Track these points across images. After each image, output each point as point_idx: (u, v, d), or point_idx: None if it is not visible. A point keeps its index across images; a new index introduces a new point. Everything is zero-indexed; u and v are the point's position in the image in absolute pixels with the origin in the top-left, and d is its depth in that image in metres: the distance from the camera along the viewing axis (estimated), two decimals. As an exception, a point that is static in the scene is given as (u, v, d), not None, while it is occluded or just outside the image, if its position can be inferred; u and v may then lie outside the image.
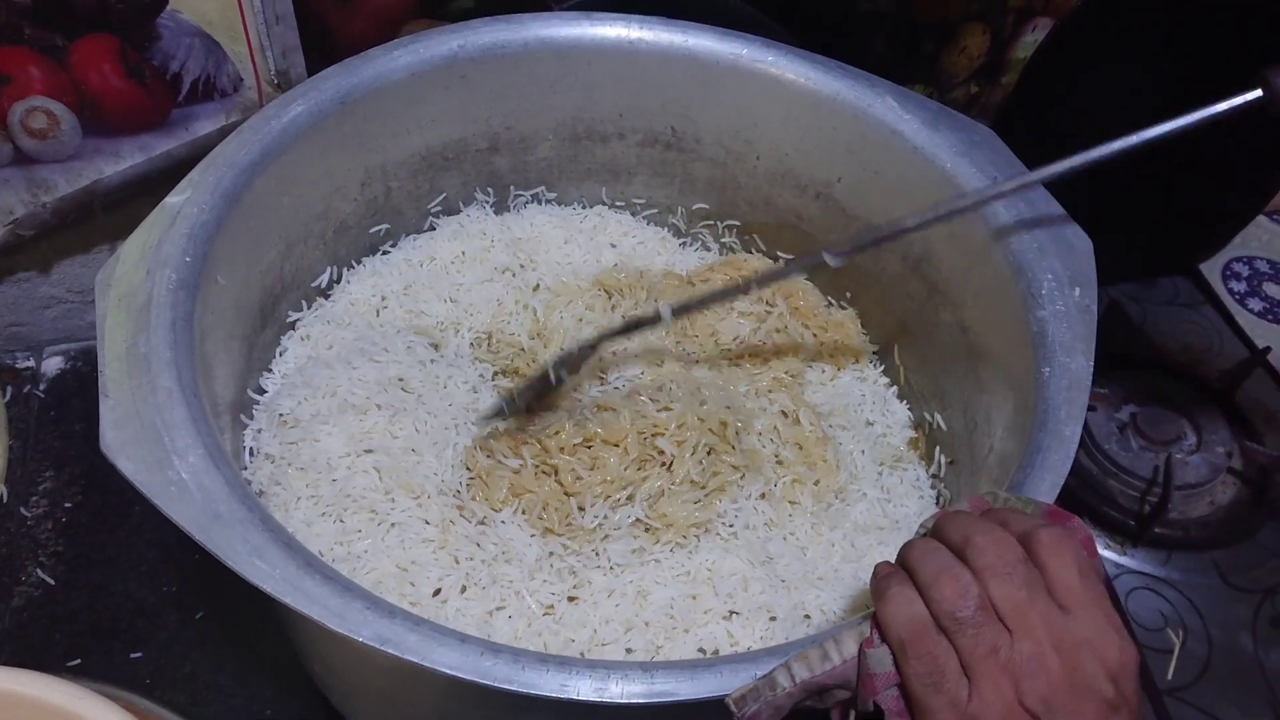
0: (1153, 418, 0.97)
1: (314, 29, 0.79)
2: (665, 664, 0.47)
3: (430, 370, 0.73)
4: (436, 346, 0.76)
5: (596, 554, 0.65)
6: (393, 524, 0.62)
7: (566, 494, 0.67)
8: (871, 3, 0.94)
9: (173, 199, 0.62)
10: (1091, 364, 0.58)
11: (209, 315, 0.60)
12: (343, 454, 0.65)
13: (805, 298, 0.83)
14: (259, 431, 0.68)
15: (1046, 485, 0.53)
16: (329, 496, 0.64)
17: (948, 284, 0.73)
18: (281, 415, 0.68)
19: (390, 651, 0.45)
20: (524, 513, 0.65)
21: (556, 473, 0.67)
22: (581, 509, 0.66)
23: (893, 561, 0.46)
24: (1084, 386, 0.57)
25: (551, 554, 0.64)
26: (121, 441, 0.50)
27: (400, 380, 0.71)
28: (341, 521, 0.63)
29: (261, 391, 0.71)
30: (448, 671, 0.45)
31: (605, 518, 0.65)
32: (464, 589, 0.61)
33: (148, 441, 0.50)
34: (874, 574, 0.46)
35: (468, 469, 0.68)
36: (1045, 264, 0.64)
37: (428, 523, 0.63)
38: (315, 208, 0.74)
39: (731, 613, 0.61)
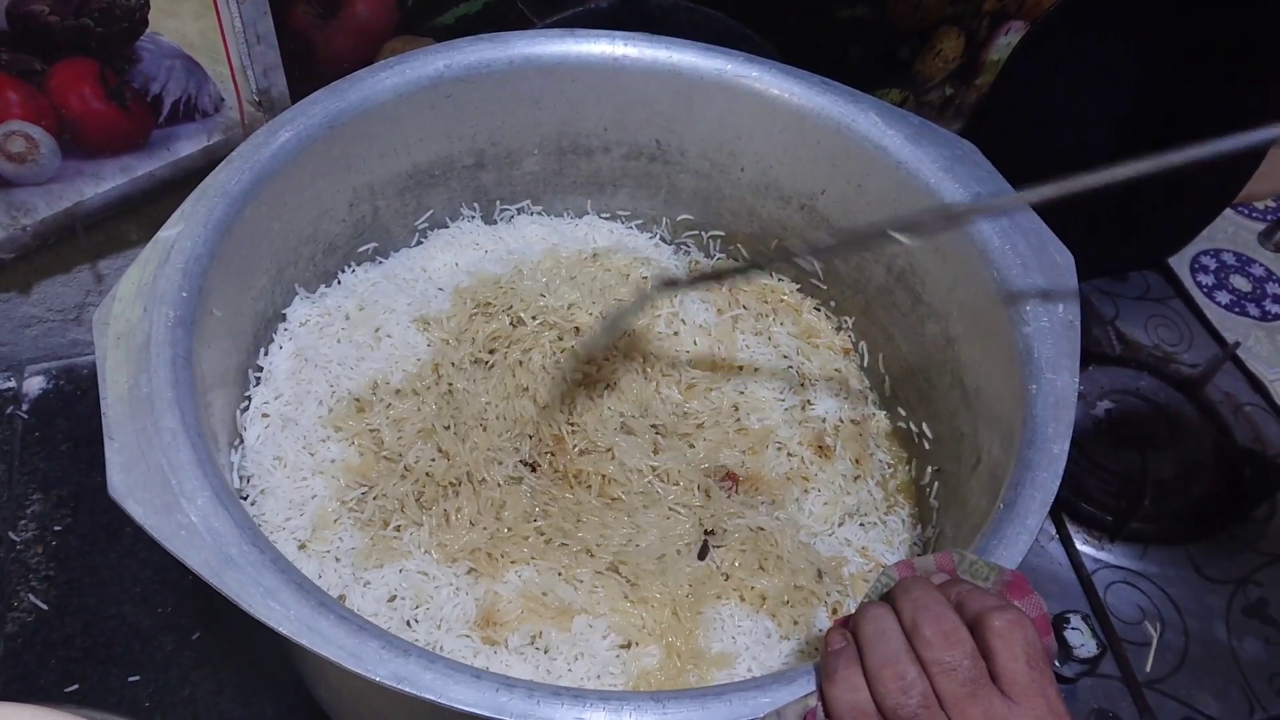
0: (1128, 414, 0.99)
1: (295, 48, 0.79)
2: (676, 693, 0.48)
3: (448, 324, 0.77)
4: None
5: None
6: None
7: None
8: (849, 10, 0.95)
9: (166, 232, 0.61)
10: (1076, 380, 0.60)
11: (206, 349, 0.60)
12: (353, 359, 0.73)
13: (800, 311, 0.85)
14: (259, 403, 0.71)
15: (1037, 504, 0.54)
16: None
17: (933, 297, 0.74)
18: (278, 395, 0.71)
19: (407, 690, 0.46)
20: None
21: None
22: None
23: (847, 626, 0.46)
24: (1070, 404, 0.59)
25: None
26: (130, 485, 0.50)
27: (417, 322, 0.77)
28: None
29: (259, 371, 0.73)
30: (464, 708, 0.46)
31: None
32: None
33: (155, 484, 0.51)
34: (825, 642, 0.46)
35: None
36: (1029, 280, 0.65)
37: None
38: (304, 231, 0.74)
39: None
